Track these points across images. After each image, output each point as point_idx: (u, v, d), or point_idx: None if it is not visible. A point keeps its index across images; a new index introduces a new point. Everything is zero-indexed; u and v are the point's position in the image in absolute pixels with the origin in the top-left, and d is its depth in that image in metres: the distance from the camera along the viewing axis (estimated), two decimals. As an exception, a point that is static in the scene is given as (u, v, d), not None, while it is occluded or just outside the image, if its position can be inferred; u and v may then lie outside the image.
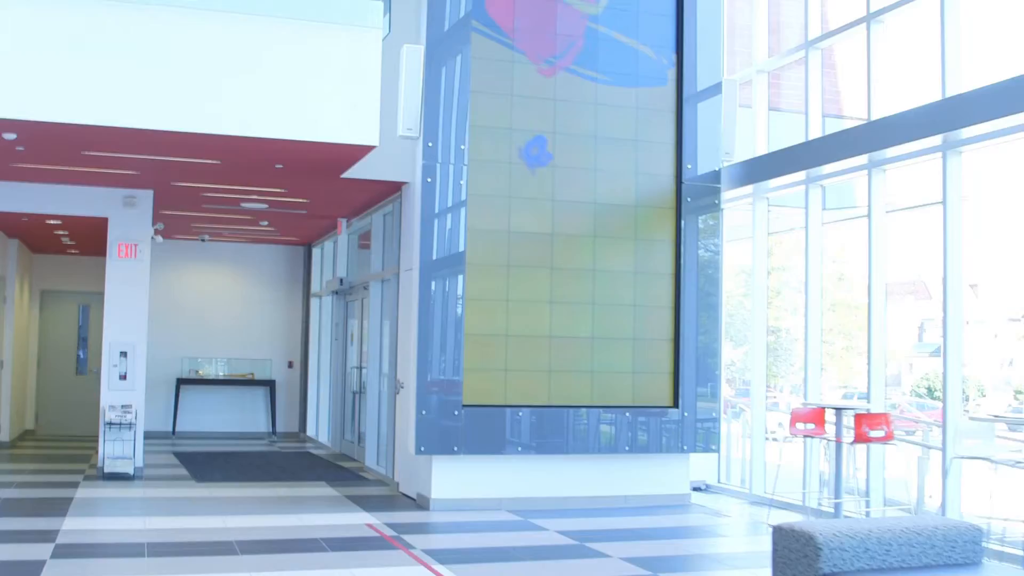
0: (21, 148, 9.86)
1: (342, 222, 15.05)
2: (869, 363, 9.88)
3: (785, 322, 12.16)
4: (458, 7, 10.78)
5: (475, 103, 10.77)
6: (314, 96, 9.59)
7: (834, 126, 11.10)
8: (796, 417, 9.91)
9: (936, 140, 9.05)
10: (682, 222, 11.43)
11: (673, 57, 11.55)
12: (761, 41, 12.24)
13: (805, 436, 9.91)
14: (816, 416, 9.76)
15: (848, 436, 9.59)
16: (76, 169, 11.25)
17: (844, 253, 11.35)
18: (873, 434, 9.18)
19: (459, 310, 10.58)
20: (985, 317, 9.79)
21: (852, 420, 9.39)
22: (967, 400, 9.25)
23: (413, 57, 10.37)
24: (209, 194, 12.90)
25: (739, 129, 11.75)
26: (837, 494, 9.67)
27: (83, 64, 8.85)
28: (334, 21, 9.74)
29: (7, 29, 8.67)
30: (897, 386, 10.78)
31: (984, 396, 9.72)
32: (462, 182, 10.67)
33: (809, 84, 11.15)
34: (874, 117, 10.02)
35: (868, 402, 9.84)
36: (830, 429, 9.74)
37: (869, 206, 10.02)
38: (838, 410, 9.74)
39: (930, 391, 10.32)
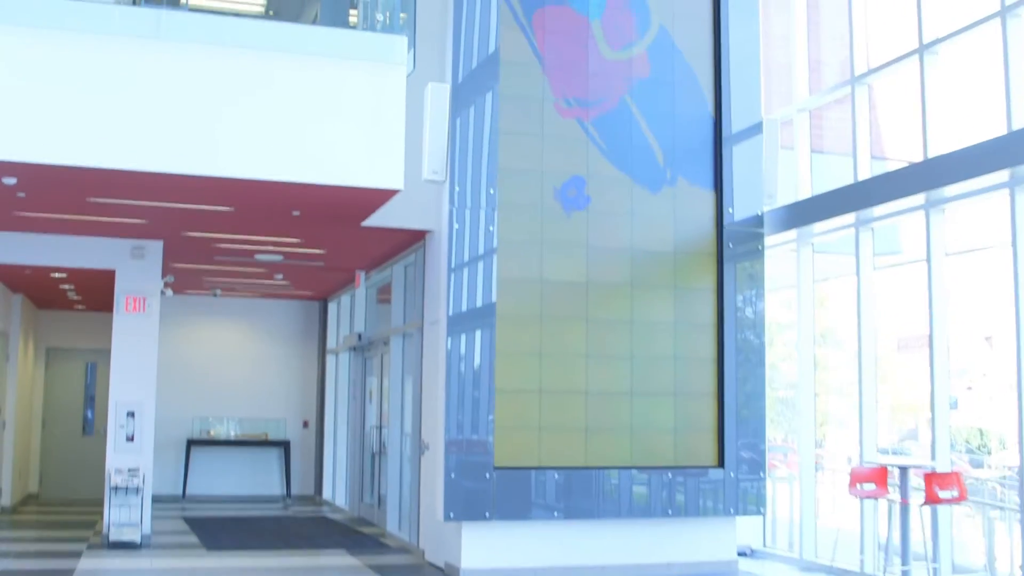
0: (22, 195, 9.26)
1: (360, 274, 14.47)
2: (933, 418, 9.15)
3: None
4: (486, 43, 10.22)
5: (504, 144, 10.18)
6: (335, 136, 8.95)
7: (878, 168, 10.49)
8: (856, 477, 9.17)
9: (1003, 176, 8.40)
10: (723, 269, 10.79)
11: (711, 99, 10.97)
12: (801, 79, 11.64)
13: (866, 497, 9.17)
14: (878, 475, 9.03)
15: (917, 497, 8.83)
16: (81, 218, 10.66)
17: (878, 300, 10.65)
18: (945, 494, 8.44)
19: (489, 365, 9.91)
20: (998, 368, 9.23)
21: (913, 478, 8.71)
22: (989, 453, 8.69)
23: (439, 96, 9.79)
24: (222, 245, 12.31)
25: (781, 170, 11.12)
26: (905, 560, 8.90)
27: (88, 103, 8.25)
28: (356, 57, 9.14)
29: (6, 66, 8.07)
30: (915, 440, 10.29)
31: (1005, 448, 9.24)
32: (491, 228, 10.04)
33: (857, 121, 10.53)
34: (931, 154, 9.38)
35: (907, 457, 9.12)
36: (893, 489, 9.01)
37: (928, 249, 9.35)
38: (903, 469, 9.00)
39: (952, 445, 9.74)
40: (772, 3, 12.06)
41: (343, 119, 9.01)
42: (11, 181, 8.70)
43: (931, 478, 8.47)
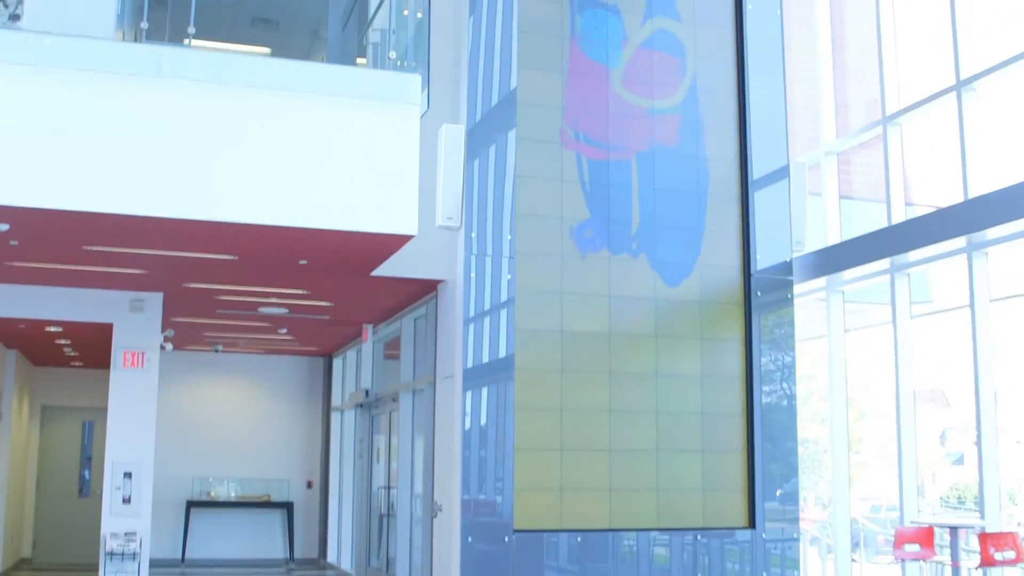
0: (15, 243, 8.77)
1: (367, 328, 14.02)
2: (981, 474, 8.60)
3: (811, 431, 11.05)
4: (503, 83, 9.80)
5: (522, 188, 9.72)
6: (345, 179, 8.47)
7: (909, 213, 10.05)
8: (901, 537, 8.60)
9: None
10: (751, 319, 10.28)
11: (735, 143, 10.53)
12: (828, 121, 11.23)
13: (912, 559, 8.59)
14: (924, 536, 8.46)
15: (970, 559, 8.25)
16: (77, 268, 10.18)
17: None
18: (1001, 556, 7.87)
19: (507, 421, 9.36)
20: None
21: (962, 538, 8.16)
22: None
23: (454, 137, 9.33)
24: (224, 297, 11.85)
25: (809, 216, 10.67)
26: (957, 629, 8.31)
27: (84, 144, 7.77)
28: (367, 96, 8.68)
29: (-2, 103, 7.63)
30: (920, 496, 9.85)
31: (1015, 504, 8.98)
32: (509, 276, 9.55)
33: (889, 162, 10.08)
34: (972, 195, 8.92)
35: (958, 516, 8.54)
36: (941, 550, 8.44)
37: (971, 294, 8.85)
38: (953, 529, 8.43)
39: (961, 500, 9.53)
40: (796, 45, 11.67)
41: (354, 161, 8.54)
42: (3, 227, 8.21)
43: (986, 538, 7.91)
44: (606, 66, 10.20)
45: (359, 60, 11.45)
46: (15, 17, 9.17)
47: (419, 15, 9.98)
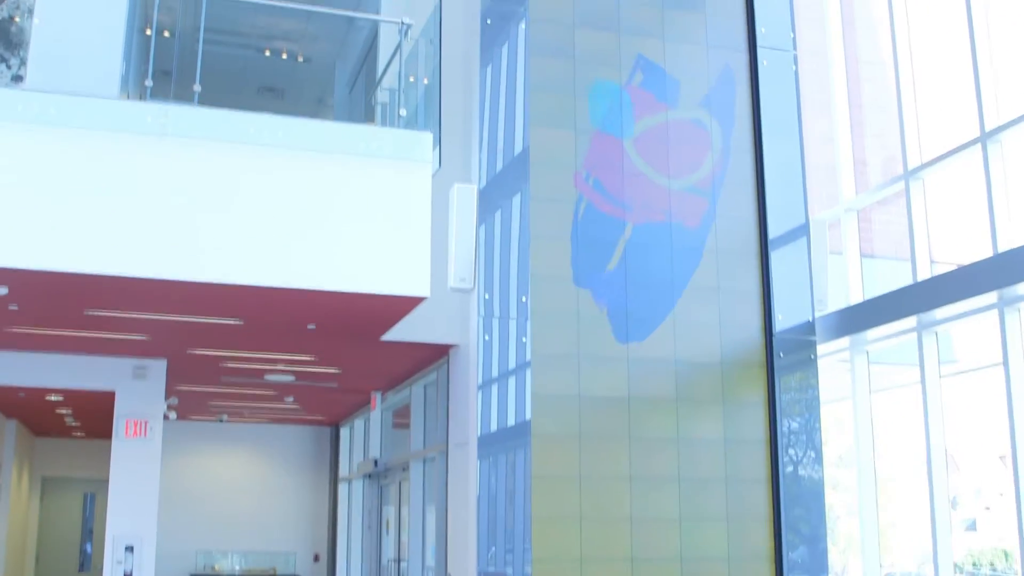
0: (15, 307, 8.53)
1: (376, 396, 13.75)
2: (1022, 537, 8.22)
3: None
4: (515, 139, 9.60)
5: (536, 249, 9.45)
6: (355, 240, 8.23)
7: (931, 269, 9.78)
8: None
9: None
10: (774, 381, 9.95)
11: (752, 198, 10.30)
12: (847, 178, 11.00)
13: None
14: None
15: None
16: (79, 334, 9.95)
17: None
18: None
19: (525, 490, 9.01)
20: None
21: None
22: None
23: (466, 197, 9.12)
24: (229, 364, 11.60)
25: (830, 275, 10.41)
26: None
27: (86, 204, 7.54)
28: (378, 154, 8.48)
29: (-2, 163, 7.40)
30: (928, 563, 9.42)
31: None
32: (524, 339, 9.25)
33: (913, 217, 9.82)
34: (1001, 248, 8.64)
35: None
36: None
37: (1005, 352, 8.53)
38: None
39: (976, 566, 9.27)
40: (812, 104, 11.48)
41: (364, 221, 8.30)
42: (2, 291, 7.96)
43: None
44: (620, 137, 9.99)
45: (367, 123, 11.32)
46: (18, 78, 9.01)
47: (425, 81, 9.81)
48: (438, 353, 10.77)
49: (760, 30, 10.61)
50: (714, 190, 10.19)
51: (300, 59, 13.77)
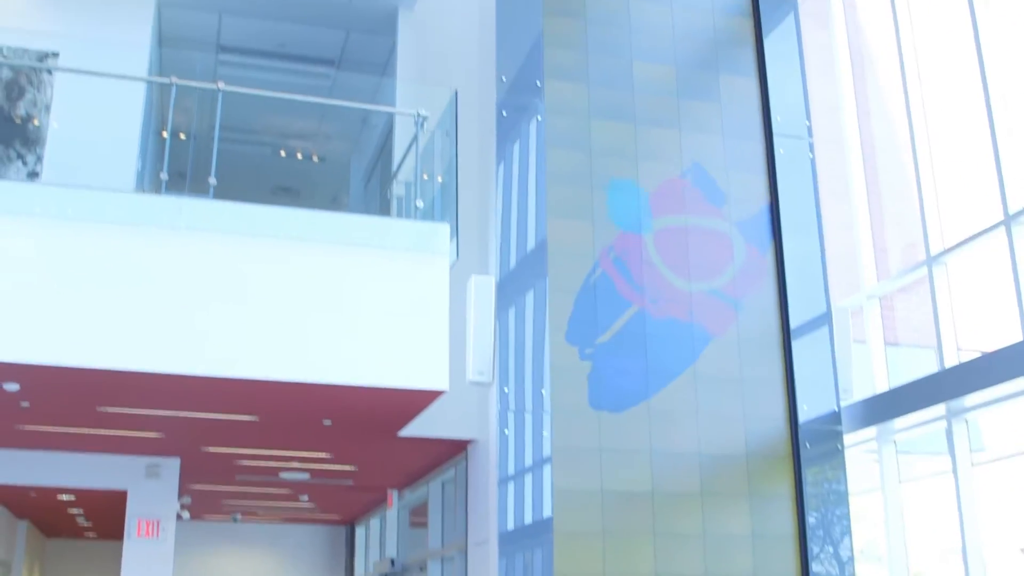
0: (26, 404, 8.40)
1: (393, 493, 13.54)
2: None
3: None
4: (533, 230, 9.53)
5: (555, 340, 9.31)
6: (373, 333, 8.11)
7: (954, 357, 9.60)
8: None
9: None
10: (801, 473, 9.71)
11: (773, 287, 10.18)
12: (868, 266, 10.88)
13: None
14: None
15: None
16: (91, 432, 9.81)
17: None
18: None
19: (547, 588, 8.75)
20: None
21: None
22: None
23: (483, 289, 9.02)
24: (243, 462, 11.43)
25: (854, 363, 10.24)
26: None
27: (99, 298, 7.46)
28: (394, 246, 8.41)
29: (9, 259, 7.31)
30: None
31: None
32: (545, 433, 9.06)
33: (938, 304, 9.67)
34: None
35: None
36: None
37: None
38: None
39: None
40: (830, 191, 11.43)
41: (382, 314, 8.20)
42: (13, 387, 7.84)
43: None
44: (640, 233, 9.93)
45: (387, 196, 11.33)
46: (34, 175, 9.00)
47: (439, 179, 9.81)
48: (456, 448, 10.58)
49: (776, 118, 10.60)
50: (735, 282, 10.08)
51: (315, 159, 13.83)
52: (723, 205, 10.26)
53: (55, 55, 9.78)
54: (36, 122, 9.58)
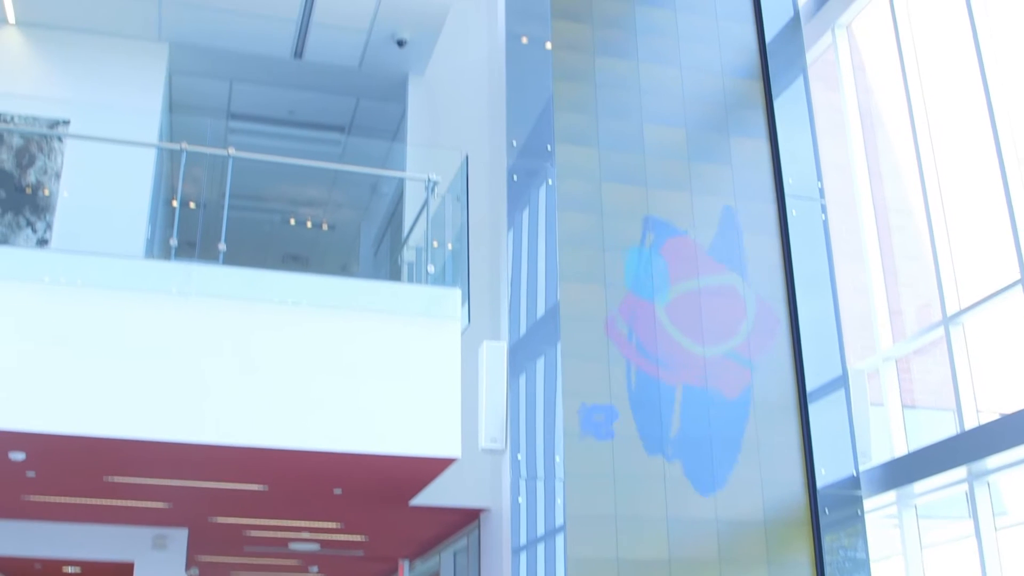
0: (32, 474, 8.27)
1: (404, 564, 13.30)
2: None
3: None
4: (544, 294, 9.44)
5: (569, 406, 9.19)
6: (384, 399, 8.01)
7: (973, 419, 9.44)
8: None
9: None
10: (821, 539, 9.51)
11: (788, 351, 10.07)
12: (883, 328, 10.77)
13: None
14: None
15: None
16: (97, 502, 9.66)
17: None
18: None
19: (563, 661, 8.53)
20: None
21: None
22: None
23: (495, 354, 8.92)
24: (252, 533, 11.24)
25: (873, 426, 10.08)
26: None
27: (107, 365, 7.37)
28: (405, 311, 8.33)
29: (14, 326, 7.23)
30: None
31: None
32: (559, 501, 8.89)
33: (956, 365, 9.53)
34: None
35: None
36: None
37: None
38: None
39: None
40: (843, 253, 11.36)
41: (393, 381, 8.09)
42: (19, 457, 7.71)
43: None
44: (652, 302, 9.86)
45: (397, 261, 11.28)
46: (43, 242, 8.97)
47: (450, 246, 9.76)
48: (469, 517, 10.41)
49: (787, 180, 10.57)
50: (750, 347, 9.98)
51: (325, 227, 13.82)
52: (736, 267, 10.19)
53: (66, 123, 9.82)
54: (47, 191, 9.57)
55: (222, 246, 8.29)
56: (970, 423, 9.28)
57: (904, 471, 9.56)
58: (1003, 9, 9.40)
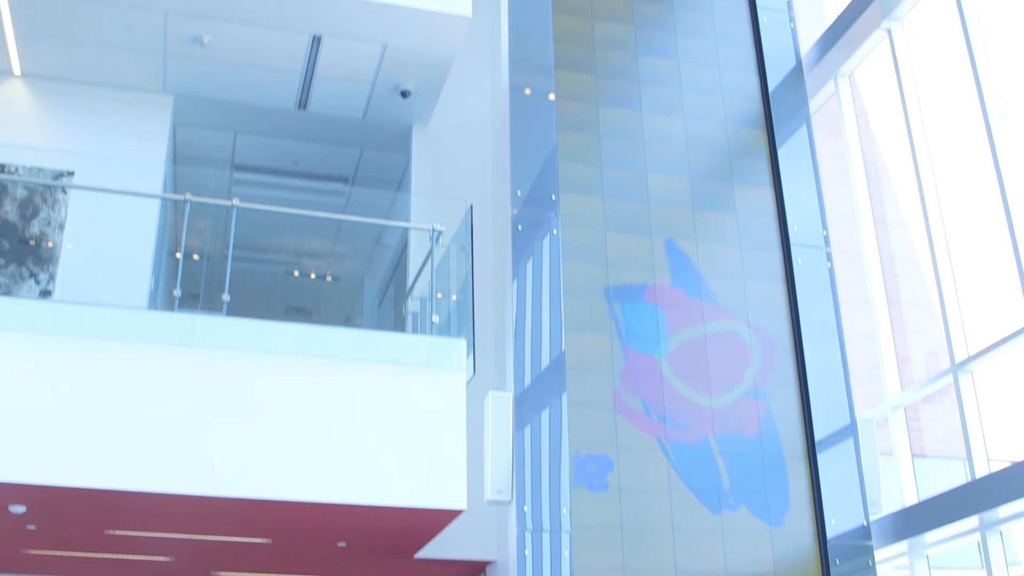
0: (32, 527, 8.18)
1: (408, 619, 13.09)
2: None
3: None
4: (548, 344, 9.39)
5: (574, 459, 9.11)
6: (389, 451, 7.92)
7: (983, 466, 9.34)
8: None
9: None
10: (833, 591, 9.41)
11: (796, 399, 10.01)
12: (891, 376, 10.69)
13: None
14: None
15: None
16: (99, 556, 9.57)
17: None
18: None
19: None
20: None
21: None
22: None
23: (501, 405, 8.86)
24: (256, 587, 11.08)
25: (882, 475, 9.99)
26: None
27: (110, 416, 7.31)
28: (411, 362, 8.27)
29: (16, 377, 7.18)
30: None
31: None
32: (566, 553, 8.79)
33: (965, 412, 9.45)
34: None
35: None
36: None
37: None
38: None
39: None
40: (850, 301, 11.32)
41: (398, 432, 8.01)
42: (19, 510, 7.62)
43: None
44: (655, 357, 9.81)
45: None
46: (46, 293, 8.93)
47: (454, 297, 9.73)
48: (475, 570, 10.28)
49: (792, 228, 10.56)
50: (758, 395, 9.91)
51: (328, 278, 13.78)
52: (742, 315, 10.14)
53: (71, 174, 9.83)
54: (50, 243, 9.56)
55: (226, 297, 8.24)
56: (981, 471, 9.18)
57: (915, 521, 9.45)
58: (1005, 57, 9.44)
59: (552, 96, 10.39)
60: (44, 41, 9.99)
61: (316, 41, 10.09)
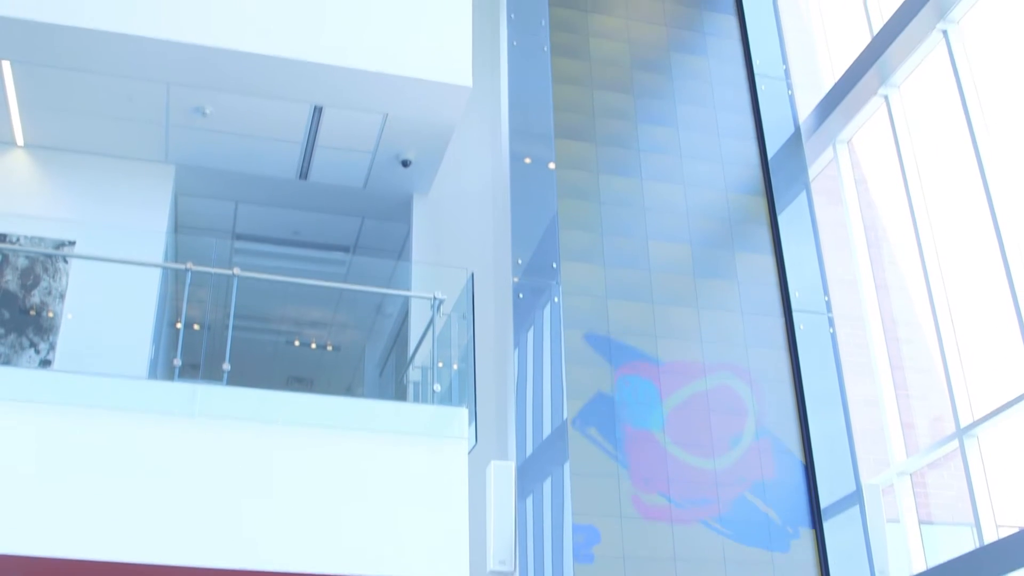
0: (28, 601, 8.04)
1: None
2: None
3: None
4: (550, 412, 9.34)
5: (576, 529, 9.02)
6: (389, 521, 7.84)
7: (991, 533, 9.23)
8: None
9: None
10: (842, 664, 9.25)
11: (800, 467, 9.93)
12: (896, 441, 10.61)
13: None
14: None
15: None
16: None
17: None
18: None
19: None
20: None
21: None
22: None
23: (503, 474, 8.79)
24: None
25: (889, 541, 9.88)
26: None
27: (108, 487, 7.26)
28: (412, 431, 8.21)
29: (11, 447, 7.13)
30: None
31: None
32: (570, 623, 8.68)
33: (972, 478, 9.37)
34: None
35: None
36: None
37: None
38: None
39: None
40: (852, 367, 11.27)
41: (399, 501, 7.94)
42: (15, 584, 7.53)
43: None
44: (652, 431, 9.76)
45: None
46: (46, 363, 8.90)
47: (455, 367, 9.69)
48: (477, 641, 10.10)
49: (794, 294, 10.55)
50: (762, 462, 9.84)
51: (329, 348, 13.74)
52: (743, 380, 10.10)
53: (72, 243, 9.84)
54: (51, 313, 9.54)
55: (226, 366, 8.20)
56: (990, 537, 9.07)
57: (924, 590, 9.34)
58: (1003, 122, 9.50)
59: (552, 165, 10.44)
60: (47, 112, 10.05)
61: (317, 111, 10.15)
